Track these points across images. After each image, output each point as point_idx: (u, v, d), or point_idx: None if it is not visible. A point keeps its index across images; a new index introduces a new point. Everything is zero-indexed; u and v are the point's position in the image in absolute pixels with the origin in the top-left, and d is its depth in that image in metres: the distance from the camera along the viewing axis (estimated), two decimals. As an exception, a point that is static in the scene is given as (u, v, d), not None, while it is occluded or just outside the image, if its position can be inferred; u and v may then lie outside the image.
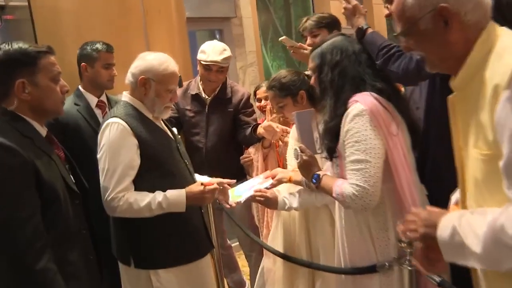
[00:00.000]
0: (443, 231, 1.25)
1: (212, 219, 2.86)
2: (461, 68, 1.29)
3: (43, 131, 1.81)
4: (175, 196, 2.18)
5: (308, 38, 2.80)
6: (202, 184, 2.25)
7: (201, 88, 3.31)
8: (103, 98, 2.99)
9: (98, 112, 2.93)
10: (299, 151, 1.99)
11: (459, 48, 1.28)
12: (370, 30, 2.01)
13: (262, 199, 2.38)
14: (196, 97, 3.31)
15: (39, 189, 1.63)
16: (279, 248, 2.52)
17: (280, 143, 2.96)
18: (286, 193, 2.39)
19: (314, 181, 1.96)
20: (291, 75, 2.49)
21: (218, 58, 3.14)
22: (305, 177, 2.06)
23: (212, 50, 3.16)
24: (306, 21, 2.88)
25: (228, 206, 2.46)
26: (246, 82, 5.06)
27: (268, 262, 2.69)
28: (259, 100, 3.45)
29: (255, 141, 3.17)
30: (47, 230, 1.63)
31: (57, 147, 1.89)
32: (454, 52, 1.29)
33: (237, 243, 3.67)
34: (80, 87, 2.96)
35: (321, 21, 2.82)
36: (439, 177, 1.93)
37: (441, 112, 2.00)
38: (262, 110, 3.43)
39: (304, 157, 1.99)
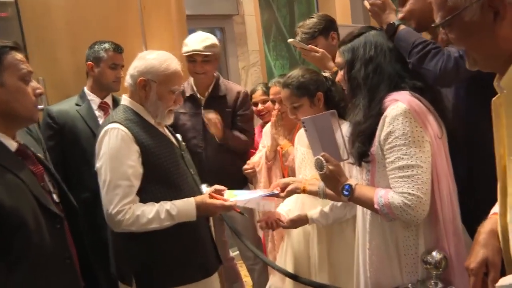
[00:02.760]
0: None
1: (213, 230, 2.68)
2: (510, 67, 1.12)
3: (12, 144, 1.57)
4: (183, 203, 2.04)
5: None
6: (210, 195, 2.14)
7: (195, 89, 3.14)
8: (108, 100, 2.88)
9: (99, 114, 2.82)
10: (323, 160, 1.75)
11: (510, 44, 1.12)
12: (402, 27, 1.84)
13: (286, 223, 2.27)
14: (191, 99, 3.12)
15: None
16: (288, 266, 2.34)
17: (286, 153, 2.78)
18: (315, 212, 2.24)
19: (346, 192, 1.74)
20: (309, 74, 2.32)
21: (199, 46, 2.98)
22: (332, 189, 1.82)
23: (193, 40, 3.02)
24: (298, 34, 2.73)
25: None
26: (249, 83, 4.90)
27: (276, 281, 2.54)
28: (255, 104, 3.28)
29: None
30: (12, 266, 1.40)
31: (32, 162, 1.64)
32: (503, 49, 1.13)
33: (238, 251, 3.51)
34: (85, 88, 2.86)
35: (314, 30, 2.68)
36: (468, 189, 1.77)
37: (469, 116, 1.83)
38: (260, 114, 3.26)
39: (330, 167, 1.74)
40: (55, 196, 1.66)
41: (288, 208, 2.43)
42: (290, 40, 2.62)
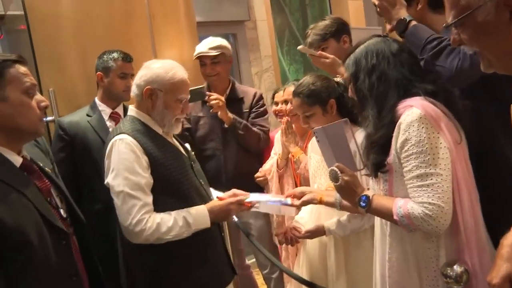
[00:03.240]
0: None
1: (228, 238, 2.67)
2: None
3: (16, 159, 1.54)
4: (196, 210, 2.02)
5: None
6: (218, 198, 2.11)
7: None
8: (119, 109, 2.87)
9: (111, 124, 2.81)
10: (338, 171, 1.70)
11: None
12: (413, 22, 1.78)
13: (303, 234, 2.24)
14: None
15: None
16: (305, 275, 2.30)
17: (297, 161, 2.73)
18: (332, 223, 2.19)
19: (363, 204, 1.67)
20: (320, 82, 2.27)
21: (204, 48, 3.07)
22: (348, 201, 1.76)
23: (200, 45, 3.11)
24: (309, 35, 2.70)
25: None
26: (262, 89, 4.87)
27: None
28: (276, 103, 3.24)
29: None
30: (16, 283, 1.38)
31: (38, 177, 1.60)
32: None
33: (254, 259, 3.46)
34: (96, 98, 2.85)
35: (325, 32, 2.66)
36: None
37: (472, 116, 1.76)
38: (278, 114, 3.22)
39: (346, 178, 1.69)
40: (62, 211, 1.62)
41: (304, 221, 2.38)
42: (299, 47, 2.60)
